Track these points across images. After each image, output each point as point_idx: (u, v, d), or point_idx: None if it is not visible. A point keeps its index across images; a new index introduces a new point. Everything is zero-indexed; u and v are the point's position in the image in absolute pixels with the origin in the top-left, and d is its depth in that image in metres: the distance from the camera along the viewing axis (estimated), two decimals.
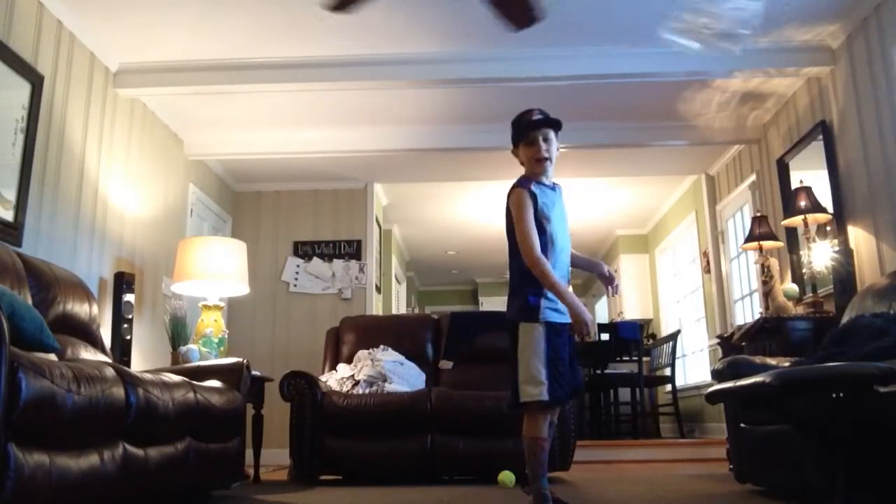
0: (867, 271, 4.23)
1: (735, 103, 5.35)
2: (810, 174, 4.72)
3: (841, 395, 2.29)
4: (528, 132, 2.74)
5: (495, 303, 11.96)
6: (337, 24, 4.24)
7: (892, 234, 4.00)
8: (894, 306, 3.11)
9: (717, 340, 5.76)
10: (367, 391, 4.55)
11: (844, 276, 4.31)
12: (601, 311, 11.35)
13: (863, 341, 2.76)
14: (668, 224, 8.55)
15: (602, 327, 7.91)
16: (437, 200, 8.22)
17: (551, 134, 2.75)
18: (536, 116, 2.76)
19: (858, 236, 4.34)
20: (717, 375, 3.47)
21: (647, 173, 7.19)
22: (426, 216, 8.82)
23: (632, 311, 9.41)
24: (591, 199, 8.23)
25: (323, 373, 5.02)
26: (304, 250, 6.87)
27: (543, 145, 2.73)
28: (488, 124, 5.52)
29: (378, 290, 7.37)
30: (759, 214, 5.16)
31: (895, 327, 2.80)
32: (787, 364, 3.29)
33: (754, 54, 4.60)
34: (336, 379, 4.76)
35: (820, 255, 4.45)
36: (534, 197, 2.67)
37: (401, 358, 4.90)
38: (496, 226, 10.00)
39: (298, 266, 6.83)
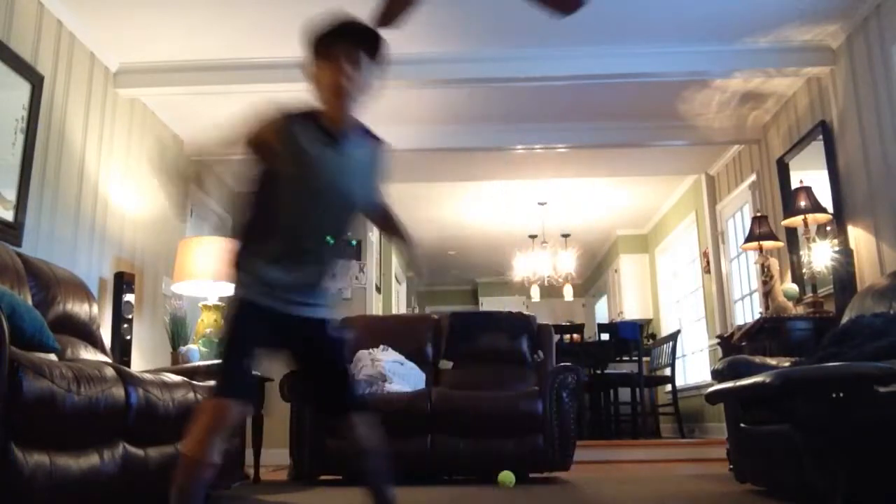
0: (867, 271, 4.22)
1: (735, 103, 5.35)
2: (810, 174, 4.72)
3: (841, 395, 2.29)
4: (328, 45, 1.86)
5: (495, 303, 11.95)
6: None
7: (892, 234, 4.00)
8: (894, 306, 3.11)
9: (717, 340, 5.76)
10: (367, 391, 4.55)
11: (844, 276, 4.31)
12: (601, 312, 11.35)
13: (863, 341, 2.76)
14: (668, 224, 8.55)
15: (602, 327, 7.92)
16: (437, 200, 8.22)
17: (364, 57, 1.86)
18: (348, 24, 1.87)
19: (858, 236, 4.34)
20: (717, 375, 3.48)
21: (647, 173, 7.19)
22: (426, 216, 8.82)
23: (632, 311, 9.41)
24: (591, 199, 8.23)
25: None
26: None
27: (348, 67, 1.84)
28: (488, 124, 5.52)
29: (378, 290, 7.37)
30: (759, 214, 5.15)
31: (895, 327, 2.80)
32: (787, 364, 3.29)
33: (754, 54, 4.60)
34: None
35: (820, 255, 4.45)
36: (286, 130, 1.89)
37: (401, 358, 4.90)
38: (496, 226, 10.01)
39: None
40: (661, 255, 8.97)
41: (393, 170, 2.11)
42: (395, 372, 4.73)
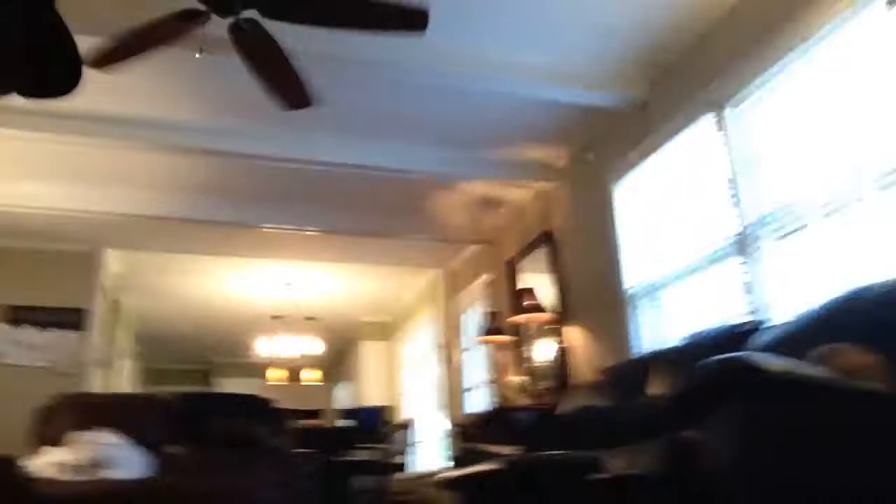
0: (583, 366, 4.67)
1: (475, 206, 5.78)
2: (539, 276, 5.19)
3: (555, 482, 2.47)
4: None
5: (233, 384, 11.35)
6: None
7: (602, 334, 4.49)
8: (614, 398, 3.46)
9: (451, 428, 5.96)
10: (78, 478, 4.07)
11: (560, 370, 4.73)
12: (345, 396, 11.24)
13: (592, 429, 3.03)
14: (410, 314, 8.83)
15: (343, 413, 7.87)
16: (175, 273, 7.73)
17: None
18: None
19: (575, 335, 4.81)
20: (450, 461, 3.60)
21: (393, 263, 7.42)
22: (163, 288, 8.26)
23: (374, 397, 9.41)
24: (337, 283, 8.27)
25: (29, 456, 4.41)
26: (18, 316, 6.09)
27: None
28: (231, 199, 5.38)
29: (101, 365, 6.72)
30: (491, 311, 5.53)
31: (620, 415, 3.11)
32: (509, 452, 3.49)
33: (492, 164, 5.06)
34: (43, 463, 4.20)
35: (542, 351, 4.86)
36: None
37: (122, 441, 4.47)
38: (239, 304, 9.54)
39: (4, 333, 6.03)
40: (403, 343, 9.21)
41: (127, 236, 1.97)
42: (113, 457, 4.29)
